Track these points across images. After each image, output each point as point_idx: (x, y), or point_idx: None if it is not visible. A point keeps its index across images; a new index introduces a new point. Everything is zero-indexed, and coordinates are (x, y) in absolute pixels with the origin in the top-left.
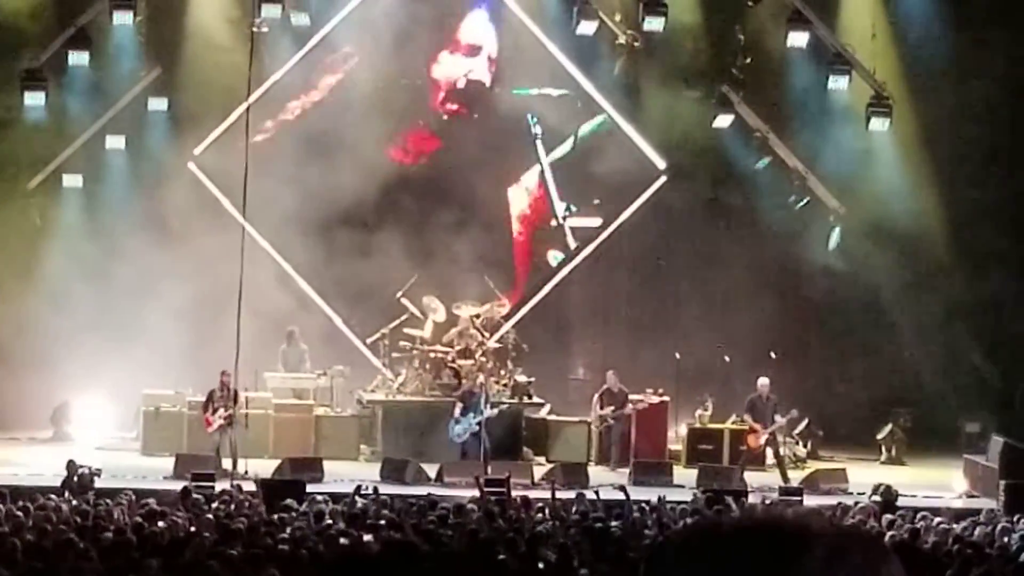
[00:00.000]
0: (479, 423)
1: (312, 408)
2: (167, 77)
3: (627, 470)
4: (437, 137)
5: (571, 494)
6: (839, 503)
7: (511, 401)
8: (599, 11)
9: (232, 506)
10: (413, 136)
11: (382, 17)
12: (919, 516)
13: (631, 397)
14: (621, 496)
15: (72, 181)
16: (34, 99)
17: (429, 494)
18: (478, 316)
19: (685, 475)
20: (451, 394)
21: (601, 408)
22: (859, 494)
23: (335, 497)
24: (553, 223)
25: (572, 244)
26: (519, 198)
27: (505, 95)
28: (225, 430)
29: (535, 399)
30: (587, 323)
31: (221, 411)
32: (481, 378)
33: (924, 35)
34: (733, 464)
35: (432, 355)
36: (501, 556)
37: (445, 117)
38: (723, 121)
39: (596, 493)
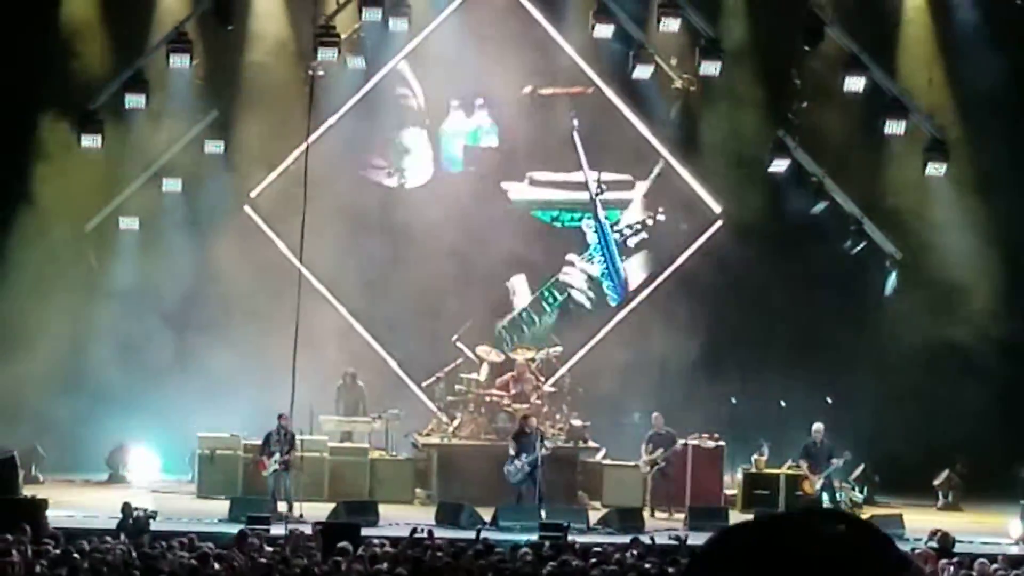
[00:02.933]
0: (532, 463)
1: (367, 451)
2: (223, 120)
3: (683, 515)
4: None
5: (626, 539)
6: None
7: (567, 445)
8: (655, 55)
9: (288, 550)
10: None
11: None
12: (976, 562)
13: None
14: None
15: (129, 223)
16: (91, 141)
17: (485, 538)
18: (533, 360)
19: (741, 520)
20: (506, 437)
21: (650, 453)
22: (916, 540)
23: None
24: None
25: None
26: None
27: None
28: (281, 474)
29: (591, 443)
30: (643, 367)
31: (277, 455)
32: (534, 420)
33: (983, 78)
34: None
35: (487, 399)
36: None
37: None
38: (779, 165)
39: (652, 539)
